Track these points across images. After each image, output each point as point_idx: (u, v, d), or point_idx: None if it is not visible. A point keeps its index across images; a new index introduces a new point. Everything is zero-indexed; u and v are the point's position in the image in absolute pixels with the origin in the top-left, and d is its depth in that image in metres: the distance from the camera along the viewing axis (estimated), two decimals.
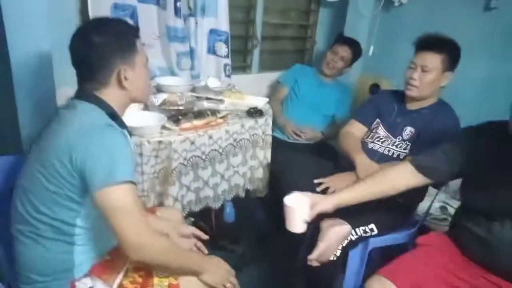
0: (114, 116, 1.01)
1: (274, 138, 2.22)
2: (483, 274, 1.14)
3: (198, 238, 1.33)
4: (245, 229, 2.08)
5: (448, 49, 1.53)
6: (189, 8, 1.94)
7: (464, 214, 1.24)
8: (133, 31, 1.05)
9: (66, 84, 1.06)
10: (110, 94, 1.02)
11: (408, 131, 1.61)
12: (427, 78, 1.54)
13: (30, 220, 0.94)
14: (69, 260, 0.96)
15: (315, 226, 1.43)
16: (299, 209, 1.18)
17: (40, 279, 0.96)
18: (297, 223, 1.19)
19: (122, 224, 0.90)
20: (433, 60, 1.52)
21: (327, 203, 1.22)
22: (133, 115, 1.44)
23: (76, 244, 0.97)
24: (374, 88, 2.61)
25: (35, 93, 1.29)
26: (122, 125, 1.03)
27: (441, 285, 1.14)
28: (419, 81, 1.55)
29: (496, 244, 1.11)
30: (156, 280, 1.05)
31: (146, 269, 1.06)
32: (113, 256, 1.04)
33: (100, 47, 0.97)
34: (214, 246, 1.92)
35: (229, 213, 2.02)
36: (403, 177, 1.25)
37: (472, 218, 1.18)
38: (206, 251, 1.31)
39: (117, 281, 1.02)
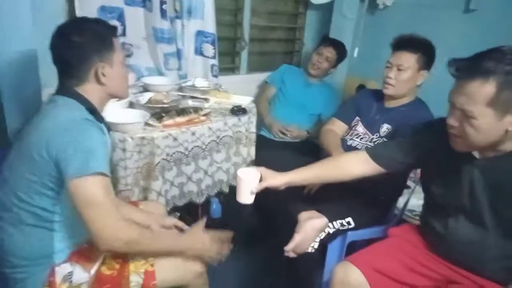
0: (93, 111, 1.06)
1: (260, 137, 2.29)
2: (450, 266, 1.19)
3: (180, 230, 1.37)
4: (231, 224, 2.12)
5: (422, 49, 1.58)
6: (175, 10, 1.99)
7: (426, 209, 1.29)
8: (111, 31, 1.10)
9: (53, 83, 1.10)
10: (89, 90, 1.07)
11: (385, 128, 1.66)
12: (402, 77, 1.59)
13: (13, 208, 0.99)
14: (49, 246, 1.01)
15: (294, 218, 1.48)
16: (247, 181, 1.24)
17: (22, 263, 1.00)
18: (244, 194, 1.25)
19: (90, 215, 0.94)
20: (408, 59, 1.58)
21: (277, 180, 1.27)
22: (117, 112, 1.50)
23: (55, 231, 1.01)
24: (361, 88, 2.67)
25: (21, 92, 1.34)
26: (100, 119, 1.08)
27: (406, 272, 1.18)
28: (395, 80, 1.60)
29: (452, 239, 1.15)
30: (132, 266, 1.10)
31: (123, 257, 1.10)
32: (92, 244, 1.08)
33: (79, 46, 1.02)
34: None
35: (216, 209, 2.07)
36: (355, 164, 1.29)
37: (432, 213, 1.23)
38: None
39: (95, 267, 1.06)
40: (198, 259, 1.22)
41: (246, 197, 1.26)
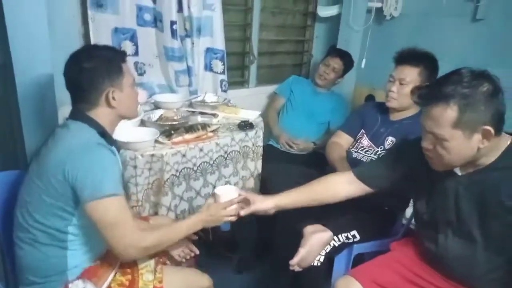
0: (104, 134, 1.12)
1: (269, 146, 2.34)
2: (446, 279, 1.20)
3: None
4: (240, 237, 2.16)
5: (424, 62, 1.61)
6: (185, 29, 2.07)
7: (418, 226, 1.30)
8: (120, 56, 1.16)
9: (67, 104, 1.18)
10: (100, 114, 1.13)
11: (390, 140, 1.68)
12: (405, 91, 1.62)
13: (29, 228, 1.06)
14: (63, 263, 1.07)
15: (299, 233, 1.51)
16: (224, 198, 1.28)
17: (37, 280, 1.07)
18: None
19: (109, 234, 1.02)
20: (410, 73, 1.61)
21: (266, 204, 1.30)
22: (128, 131, 1.57)
23: (68, 249, 1.08)
24: (370, 99, 2.69)
25: (38, 114, 1.42)
26: (111, 142, 1.15)
27: (405, 284, 1.21)
28: (398, 94, 1.63)
29: (443, 255, 1.16)
30: (141, 283, 1.15)
31: (133, 274, 1.16)
32: (103, 261, 1.15)
33: (90, 72, 1.09)
34: (211, 253, 2.02)
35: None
36: (343, 185, 1.33)
37: (423, 230, 1.24)
38: (197, 251, 1.40)
39: (106, 283, 1.12)
40: (205, 275, 1.29)
41: None
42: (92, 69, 1.09)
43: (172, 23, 1.96)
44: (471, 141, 0.99)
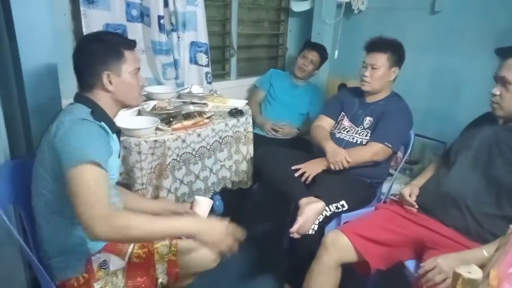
0: (99, 114, 1.14)
1: (254, 135, 2.46)
2: (427, 225, 1.43)
3: None
4: (233, 218, 2.28)
5: (391, 48, 1.82)
6: (171, 24, 2.16)
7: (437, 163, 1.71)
8: (124, 43, 1.19)
9: (71, 96, 1.24)
10: (99, 96, 1.16)
11: (368, 120, 1.88)
12: (376, 74, 1.82)
13: (48, 207, 1.12)
14: (83, 239, 1.14)
15: (295, 205, 1.67)
16: (201, 206, 1.51)
17: (62, 254, 1.14)
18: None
19: (78, 202, 0.96)
20: (380, 59, 1.81)
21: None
22: (130, 119, 1.66)
23: None
24: (342, 87, 2.89)
25: (44, 105, 1.47)
26: (109, 123, 1.17)
27: (384, 233, 1.43)
28: (370, 78, 1.83)
29: (447, 185, 1.45)
30: (157, 256, 1.25)
31: (149, 247, 1.25)
32: None
33: (89, 55, 1.13)
34: None
35: (218, 205, 2.23)
36: None
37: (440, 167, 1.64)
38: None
39: (127, 255, 1.22)
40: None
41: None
42: (92, 52, 1.13)
43: (160, 17, 2.05)
44: None
